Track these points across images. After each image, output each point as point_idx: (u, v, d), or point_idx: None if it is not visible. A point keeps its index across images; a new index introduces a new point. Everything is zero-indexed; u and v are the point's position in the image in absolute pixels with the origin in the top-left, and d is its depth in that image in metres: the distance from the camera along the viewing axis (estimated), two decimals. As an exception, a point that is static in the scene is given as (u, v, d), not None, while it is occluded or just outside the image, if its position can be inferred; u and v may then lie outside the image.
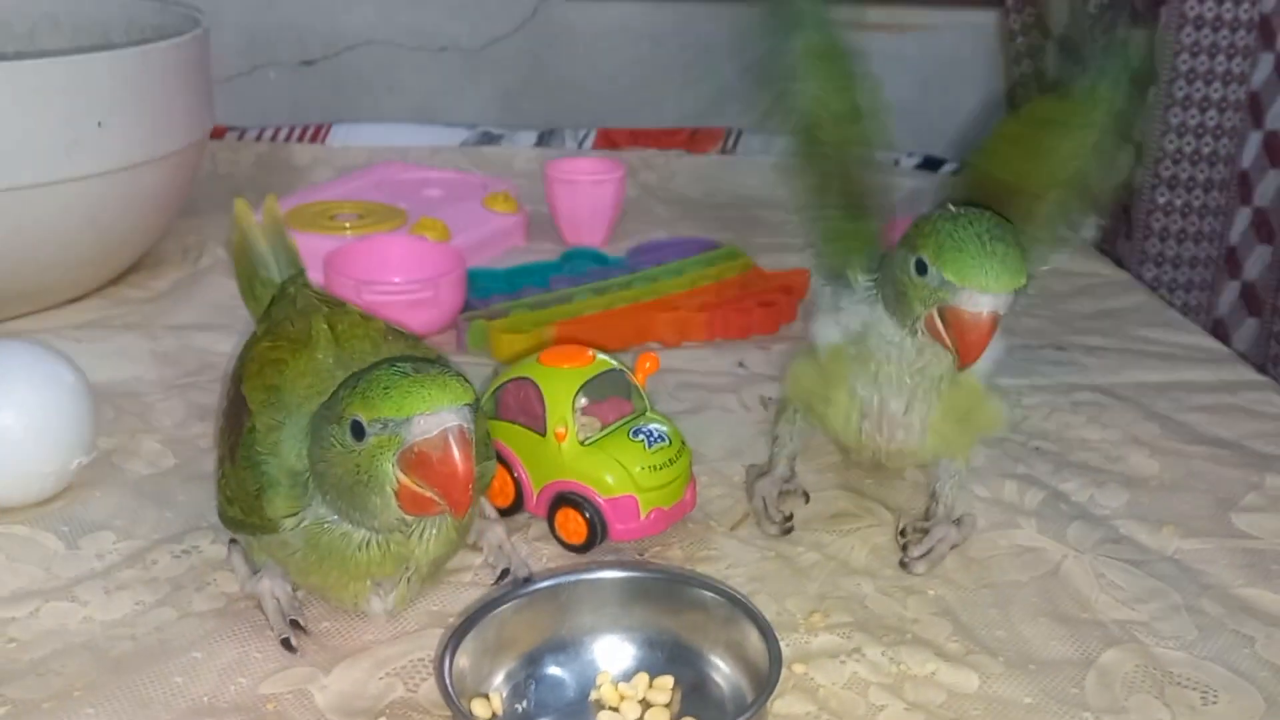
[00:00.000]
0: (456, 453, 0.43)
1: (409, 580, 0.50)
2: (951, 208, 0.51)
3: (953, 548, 0.58)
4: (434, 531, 0.48)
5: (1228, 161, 1.21)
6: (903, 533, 0.59)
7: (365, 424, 0.44)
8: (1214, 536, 0.60)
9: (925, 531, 0.58)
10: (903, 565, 0.57)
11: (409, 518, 0.46)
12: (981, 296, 0.49)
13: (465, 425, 0.44)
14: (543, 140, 1.30)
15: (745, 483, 0.63)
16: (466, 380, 0.45)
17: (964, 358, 0.51)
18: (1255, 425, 0.72)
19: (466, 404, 0.44)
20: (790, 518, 0.60)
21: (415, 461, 0.44)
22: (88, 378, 0.61)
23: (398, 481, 0.44)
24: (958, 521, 0.59)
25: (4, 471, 0.58)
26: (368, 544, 0.47)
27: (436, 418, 0.43)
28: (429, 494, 0.44)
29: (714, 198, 1.15)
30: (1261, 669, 0.50)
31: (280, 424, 0.49)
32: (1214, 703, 0.48)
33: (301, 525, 0.48)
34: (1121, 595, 0.55)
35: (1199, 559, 0.58)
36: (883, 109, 0.59)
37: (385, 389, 0.44)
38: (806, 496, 0.62)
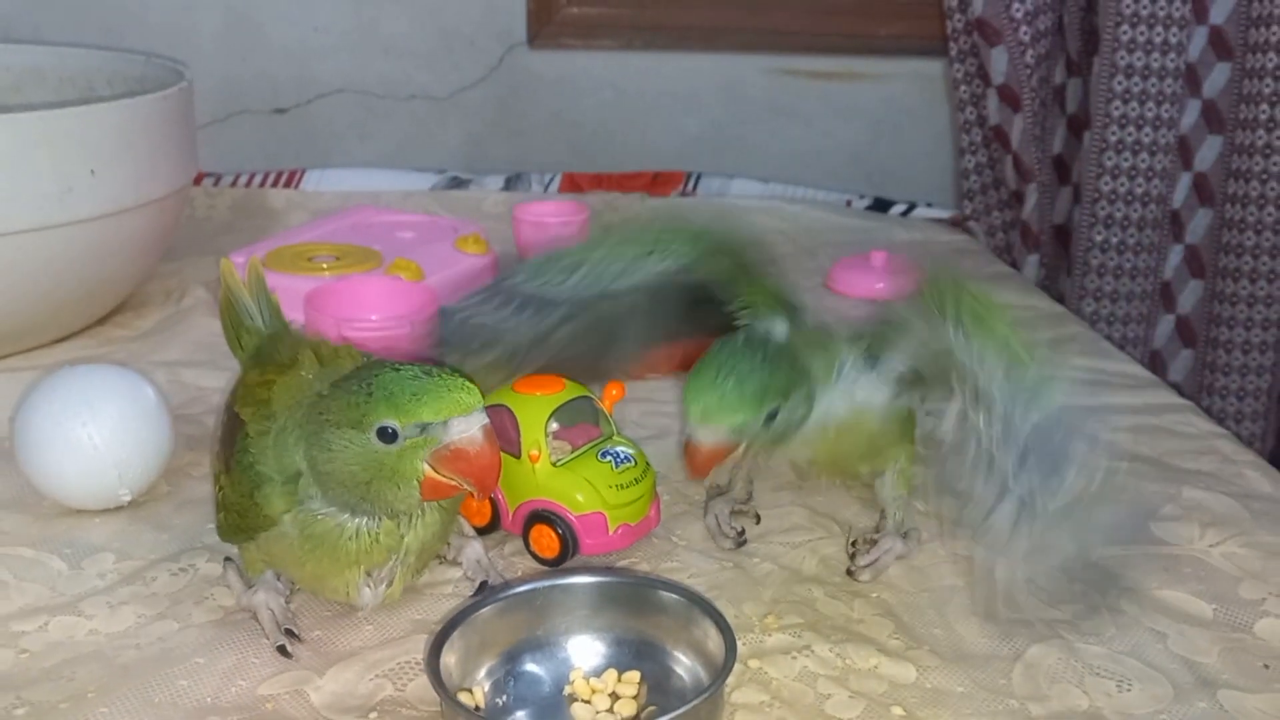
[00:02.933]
0: (488, 449, 0.49)
1: (398, 571, 0.54)
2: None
3: (898, 559, 0.62)
4: (422, 518, 0.52)
5: (1160, 201, 1.28)
6: (854, 544, 0.64)
7: (400, 428, 0.49)
8: (1134, 543, 0.65)
9: (874, 543, 0.63)
10: (849, 573, 0.61)
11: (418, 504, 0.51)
12: (696, 426, 0.54)
13: (489, 422, 0.50)
14: (510, 184, 1.35)
15: (704, 501, 0.68)
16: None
17: (690, 472, 0.56)
18: (1175, 444, 0.77)
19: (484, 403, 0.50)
20: (743, 533, 0.65)
21: (450, 457, 0.49)
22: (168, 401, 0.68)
23: (424, 474, 0.50)
24: (905, 536, 0.63)
25: (89, 480, 0.64)
26: (358, 533, 0.52)
27: (470, 419, 0.49)
28: (454, 482, 0.50)
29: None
30: (1172, 662, 0.55)
31: (268, 430, 0.53)
32: (1128, 691, 0.53)
33: (297, 518, 0.52)
34: (1047, 597, 0.60)
35: (1120, 564, 0.63)
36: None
37: (414, 395, 0.49)
38: (758, 518, 0.67)
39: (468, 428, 0.49)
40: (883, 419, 0.58)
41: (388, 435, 0.49)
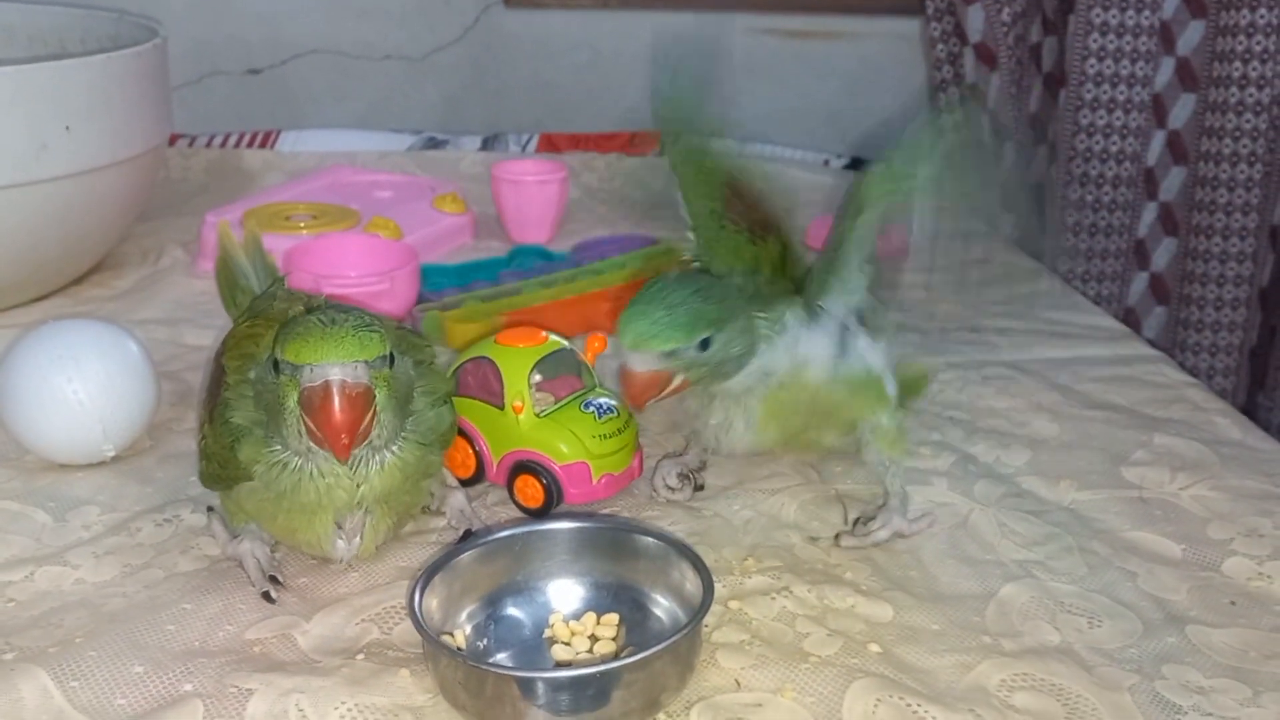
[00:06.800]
0: (335, 404, 0.48)
1: (370, 522, 0.54)
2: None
3: (895, 535, 0.61)
4: (380, 470, 0.52)
5: (1134, 159, 1.29)
6: (855, 521, 0.62)
7: (279, 363, 0.50)
8: (1105, 488, 0.67)
9: (872, 518, 0.62)
10: (836, 538, 0.61)
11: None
12: (629, 353, 0.55)
13: (349, 380, 0.49)
14: (487, 144, 1.35)
15: (655, 462, 0.66)
16: (379, 336, 0.50)
17: (628, 400, 0.57)
18: (1147, 393, 0.79)
19: (361, 359, 0.49)
20: (700, 487, 0.65)
21: (306, 404, 0.49)
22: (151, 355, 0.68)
23: (300, 416, 0.50)
24: (914, 519, 0.61)
25: (74, 435, 0.64)
26: (312, 475, 0.52)
27: (322, 369, 0.49)
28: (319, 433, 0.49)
29: (652, 198, 1.20)
30: (1141, 599, 0.57)
31: (247, 379, 0.54)
32: (1099, 626, 0.54)
33: (264, 470, 0.52)
34: (1021, 540, 0.61)
35: (1092, 508, 0.65)
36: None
37: (297, 335, 0.49)
38: (701, 485, 0.66)
39: (315, 378, 0.49)
40: (831, 378, 0.58)
41: (275, 366, 0.50)
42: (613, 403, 0.64)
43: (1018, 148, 1.33)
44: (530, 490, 0.63)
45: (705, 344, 0.55)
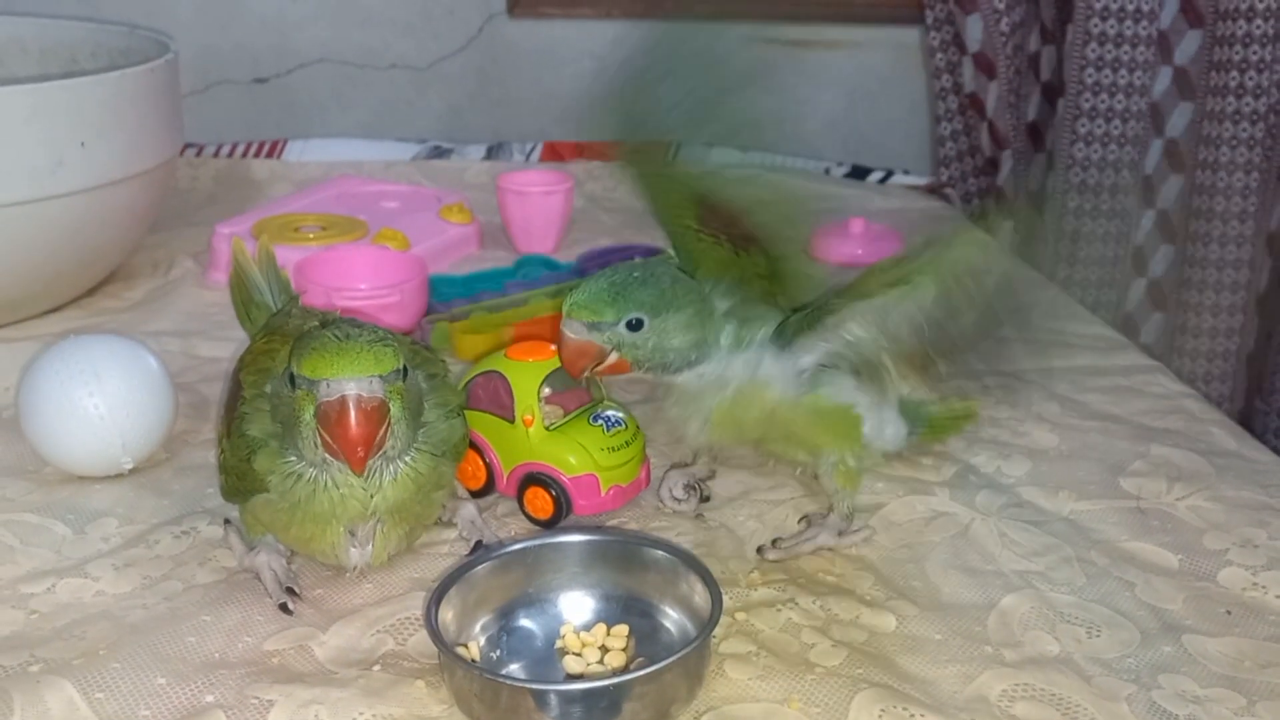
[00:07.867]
0: (351, 418, 0.50)
1: (381, 530, 0.56)
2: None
3: (819, 550, 0.61)
4: (394, 480, 0.54)
5: (1132, 167, 1.30)
6: (800, 520, 0.64)
7: (295, 377, 0.51)
8: (1104, 498, 0.68)
9: (809, 525, 0.63)
10: (759, 550, 0.62)
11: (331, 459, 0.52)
12: (564, 320, 0.57)
13: (364, 394, 0.50)
14: (491, 153, 1.36)
15: (662, 473, 0.67)
16: (393, 350, 0.51)
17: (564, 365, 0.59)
18: (1145, 403, 0.80)
19: (376, 374, 0.51)
20: (705, 497, 0.66)
21: (322, 418, 0.51)
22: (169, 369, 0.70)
23: (315, 427, 0.51)
24: (844, 533, 0.62)
25: (93, 448, 0.65)
26: (326, 487, 0.53)
27: (339, 384, 0.50)
28: (334, 445, 0.51)
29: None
30: (1139, 609, 0.58)
31: (263, 394, 0.55)
32: (1097, 636, 0.56)
33: (279, 481, 0.54)
34: (1021, 550, 0.62)
35: (1090, 518, 0.66)
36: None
37: (313, 350, 0.51)
38: (707, 497, 0.67)
39: (331, 393, 0.50)
40: (795, 402, 0.59)
41: (291, 380, 0.52)
42: (621, 416, 0.65)
43: (1015, 156, 1.34)
44: (540, 502, 0.64)
45: (636, 326, 0.57)
